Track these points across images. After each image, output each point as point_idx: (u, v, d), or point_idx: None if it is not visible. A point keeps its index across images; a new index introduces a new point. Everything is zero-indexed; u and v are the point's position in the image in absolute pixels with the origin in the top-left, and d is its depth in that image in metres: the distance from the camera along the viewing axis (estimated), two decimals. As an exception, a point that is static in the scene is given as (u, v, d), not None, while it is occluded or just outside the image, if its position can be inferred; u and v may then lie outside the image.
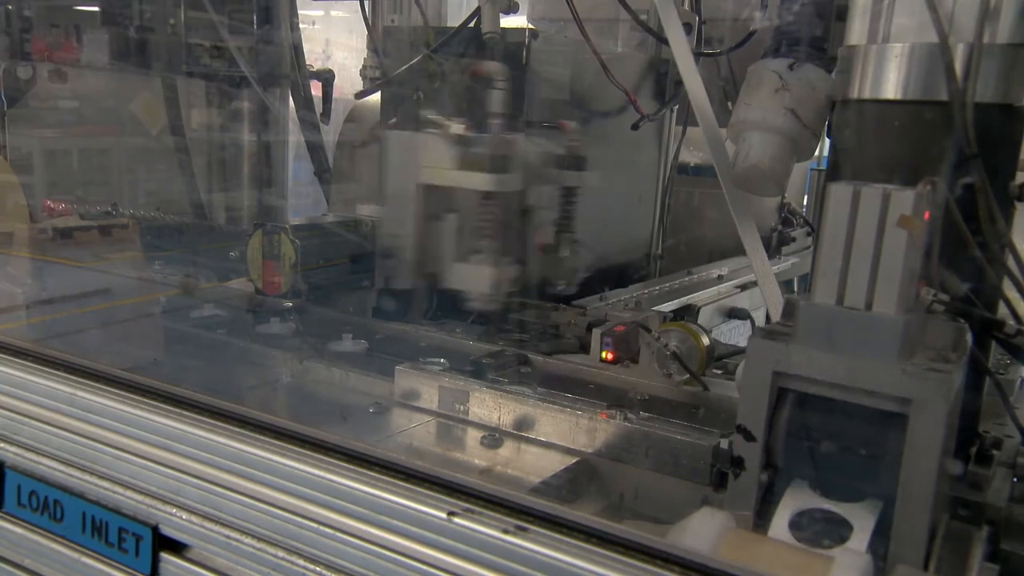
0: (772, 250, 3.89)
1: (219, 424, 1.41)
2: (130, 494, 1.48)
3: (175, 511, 1.43)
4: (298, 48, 3.33)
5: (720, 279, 3.26)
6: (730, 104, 1.95)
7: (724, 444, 1.49)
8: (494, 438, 1.69)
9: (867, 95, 1.42)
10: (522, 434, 1.71)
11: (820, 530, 1.14)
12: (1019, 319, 1.38)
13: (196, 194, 3.51)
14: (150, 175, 3.88)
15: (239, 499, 1.35)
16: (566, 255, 2.30)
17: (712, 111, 1.81)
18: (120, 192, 3.97)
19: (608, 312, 2.29)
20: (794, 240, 4.06)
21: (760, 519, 1.20)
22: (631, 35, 3.11)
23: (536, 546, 1.09)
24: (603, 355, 1.95)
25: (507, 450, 1.67)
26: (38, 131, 3.86)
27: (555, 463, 1.61)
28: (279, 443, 1.34)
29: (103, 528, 1.52)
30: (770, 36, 1.77)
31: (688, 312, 2.74)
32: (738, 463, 1.21)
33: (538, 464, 1.62)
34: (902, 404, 1.10)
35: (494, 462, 1.63)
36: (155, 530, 1.45)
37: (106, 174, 4.03)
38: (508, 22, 2.44)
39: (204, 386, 1.58)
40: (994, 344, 1.41)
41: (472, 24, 2.38)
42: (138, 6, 3.09)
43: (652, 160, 3.31)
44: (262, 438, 1.36)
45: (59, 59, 3.28)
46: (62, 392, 1.56)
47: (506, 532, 1.12)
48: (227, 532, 1.37)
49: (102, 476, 1.52)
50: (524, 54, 2.40)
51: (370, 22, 2.87)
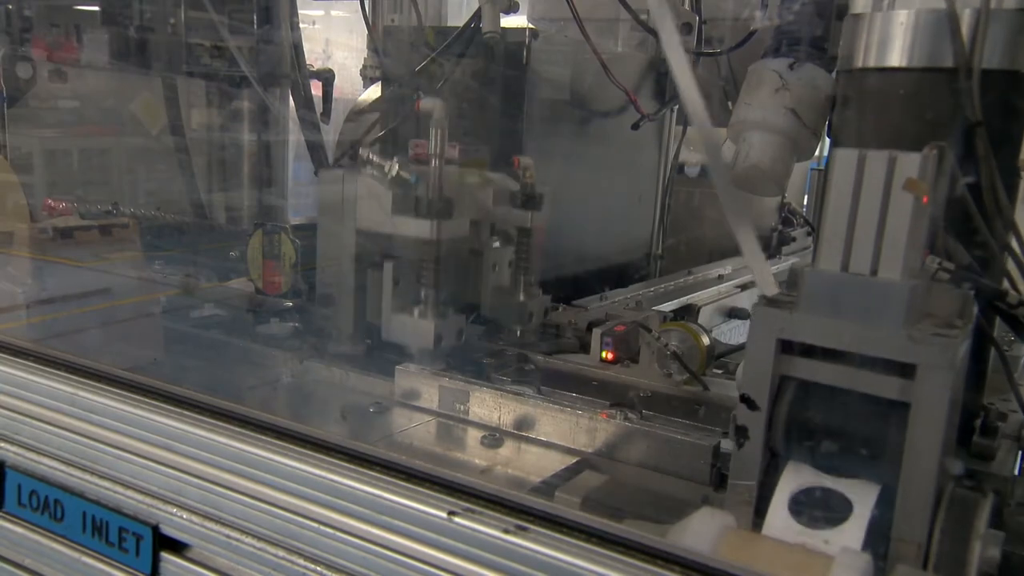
0: (772, 250, 3.90)
1: (220, 424, 1.41)
2: (130, 494, 1.48)
3: (175, 511, 1.43)
4: (298, 48, 3.32)
5: (720, 279, 3.26)
6: (730, 104, 1.95)
7: (724, 444, 1.50)
8: (494, 438, 1.69)
9: (872, 63, 1.40)
10: (522, 434, 1.71)
11: (821, 509, 1.14)
12: (1020, 292, 1.36)
13: (196, 194, 3.51)
14: (150, 175, 3.88)
15: (239, 499, 1.35)
16: (521, 300, 2.12)
17: (705, 111, 1.80)
18: (120, 192, 3.96)
19: (608, 312, 2.29)
20: (794, 240, 4.06)
21: (762, 490, 1.20)
22: (631, 35, 3.11)
23: (536, 546, 1.09)
24: (603, 355, 1.95)
25: (507, 450, 1.67)
26: (38, 131, 3.85)
27: (555, 463, 1.61)
28: (280, 443, 1.34)
29: (103, 528, 1.52)
30: (770, 36, 1.77)
31: (688, 312, 2.73)
32: (742, 432, 1.20)
33: (538, 464, 1.62)
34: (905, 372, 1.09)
35: (494, 462, 1.63)
36: (155, 530, 1.45)
37: (106, 174, 4.02)
38: (508, 22, 2.44)
39: (204, 386, 1.58)
40: (999, 321, 1.40)
41: (473, 24, 2.38)
42: (138, 6, 3.09)
43: (652, 160, 3.31)
44: (263, 438, 1.36)
45: (59, 59, 3.27)
46: (63, 392, 1.56)
47: (506, 532, 1.12)
48: (228, 532, 1.37)
49: (103, 476, 1.52)
50: (524, 54, 2.40)
51: (370, 22, 2.87)
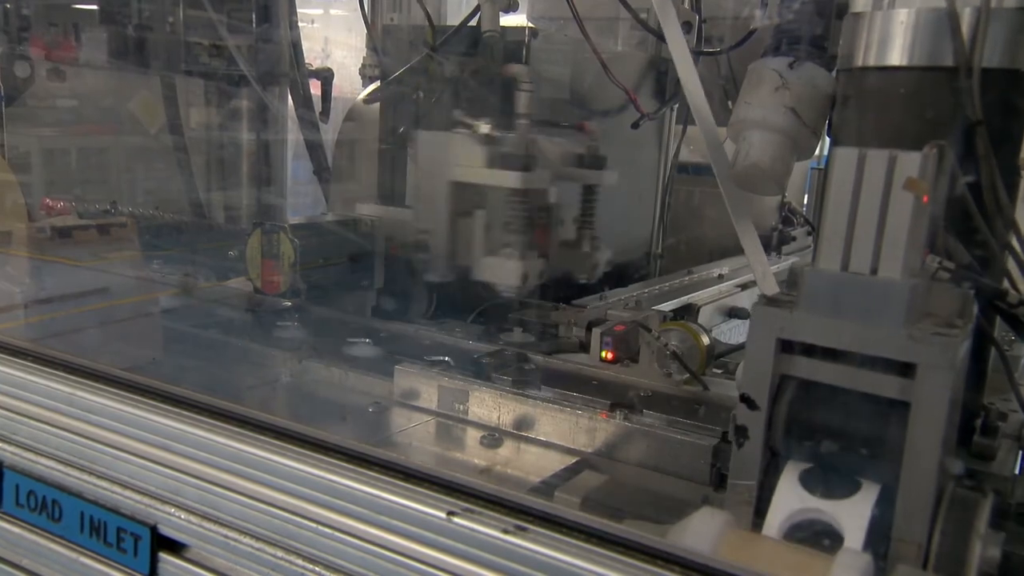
0: (772, 249, 3.89)
1: (218, 424, 1.41)
2: (129, 494, 1.48)
3: (174, 511, 1.43)
4: (297, 46, 3.33)
5: (720, 278, 3.26)
6: (730, 103, 1.95)
7: (724, 444, 1.50)
8: (494, 438, 1.69)
9: (872, 62, 1.40)
10: (522, 434, 1.71)
11: (813, 536, 1.13)
12: (1020, 292, 1.36)
13: (195, 193, 3.51)
14: (149, 174, 3.88)
15: (238, 499, 1.35)
16: (587, 250, 2.41)
17: (709, 110, 1.80)
18: (119, 191, 3.96)
19: (608, 311, 2.29)
20: (794, 239, 4.06)
21: (762, 491, 1.20)
22: (631, 34, 3.11)
23: (536, 546, 1.09)
24: (603, 354, 1.95)
25: (507, 450, 1.67)
26: (36, 130, 3.85)
27: (555, 463, 1.61)
28: (278, 443, 1.34)
29: (101, 528, 1.52)
30: (770, 34, 1.77)
31: (688, 311, 2.73)
32: (742, 432, 1.20)
33: (538, 464, 1.62)
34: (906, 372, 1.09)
35: (494, 462, 1.63)
36: (154, 530, 1.45)
37: (105, 173, 4.02)
38: (508, 21, 2.44)
39: (203, 386, 1.58)
40: (999, 322, 1.40)
41: (472, 23, 2.38)
42: (136, 5, 3.09)
43: (652, 159, 3.31)
44: (261, 438, 1.36)
45: (57, 58, 3.27)
46: (61, 392, 1.56)
47: (506, 532, 1.12)
48: (226, 532, 1.37)
49: (101, 476, 1.52)
50: (524, 53, 2.40)
51: (369, 20, 2.87)
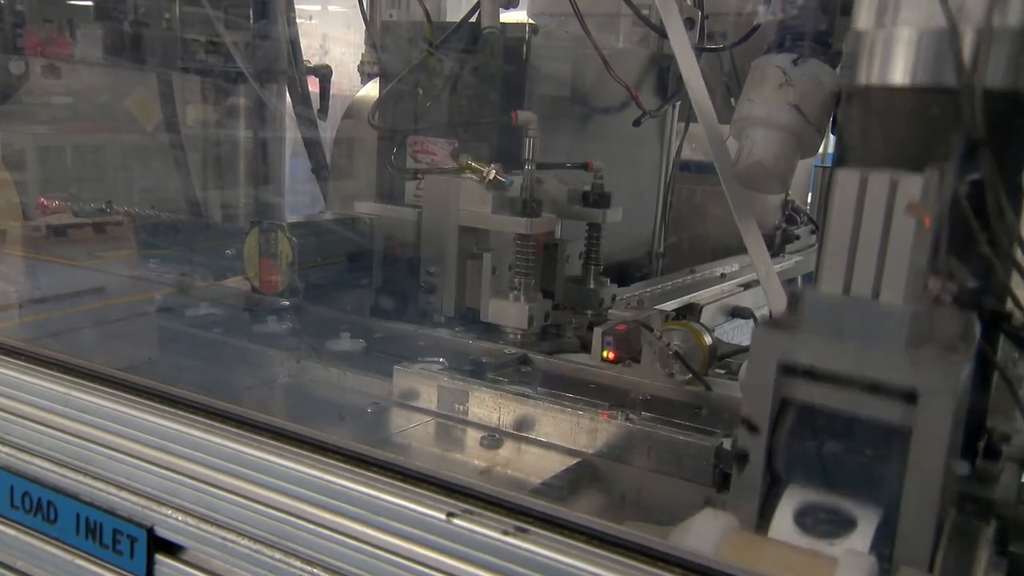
0: (776, 248, 3.89)
1: (215, 424, 1.41)
2: (125, 495, 1.48)
3: (171, 512, 1.43)
4: (295, 43, 3.33)
5: (723, 277, 3.26)
6: (733, 100, 1.95)
7: (727, 445, 1.50)
8: (494, 438, 1.69)
9: (874, 81, 1.41)
10: (522, 434, 1.71)
11: (824, 524, 1.13)
12: None
13: (192, 191, 3.51)
14: (145, 172, 3.88)
15: (236, 500, 1.35)
16: (592, 287, 2.46)
17: (713, 108, 1.80)
18: (115, 189, 3.96)
19: (609, 311, 2.29)
20: (798, 238, 4.06)
21: (763, 515, 1.19)
22: (633, 30, 3.11)
23: (536, 547, 1.09)
24: (604, 354, 1.95)
25: (507, 451, 1.67)
26: (31, 127, 3.85)
27: (556, 464, 1.61)
28: (276, 443, 1.34)
29: (97, 530, 1.51)
30: (774, 31, 1.76)
31: (691, 311, 2.73)
32: (742, 457, 1.20)
33: (538, 465, 1.62)
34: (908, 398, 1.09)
35: (494, 463, 1.63)
36: (150, 532, 1.45)
37: (100, 171, 4.02)
38: (508, 17, 2.44)
39: (200, 386, 1.58)
40: (1003, 340, 1.40)
41: (472, 19, 2.38)
42: (132, 1, 3.09)
43: (654, 157, 3.31)
44: (259, 438, 1.36)
45: (52, 54, 3.27)
46: (56, 392, 1.56)
47: (506, 533, 1.12)
48: (223, 534, 1.37)
49: (96, 477, 1.52)
50: (524, 50, 2.40)
51: (368, 17, 2.87)
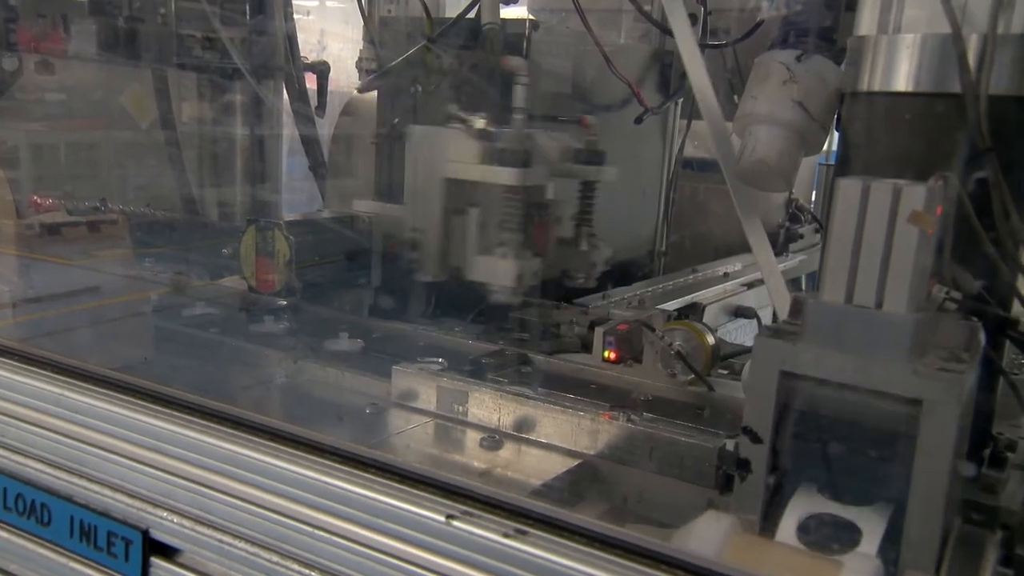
0: (779, 247, 3.89)
1: (211, 425, 1.41)
2: (119, 497, 1.49)
3: (166, 514, 1.43)
4: (292, 39, 3.33)
5: (726, 277, 3.26)
6: (736, 97, 1.95)
7: (730, 446, 1.50)
8: (494, 440, 1.69)
9: (877, 87, 1.41)
10: (522, 436, 1.71)
11: (829, 535, 1.14)
12: None
13: (187, 189, 3.51)
14: (140, 170, 3.88)
15: (232, 502, 1.35)
16: (585, 249, 2.37)
17: (717, 104, 1.80)
18: (109, 187, 3.96)
19: (611, 310, 2.29)
20: (802, 237, 4.06)
21: (767, 523, 1.20)
22: (635, 26, 3.11)
23: (536, 550, 1.09)
24: (605, 354, 1.95)
25: (507, 452, 1.67)
26: (24, 124, 3.85)
27: (556, 465, 1.61)
28: (273, 445, 1.34)
29: (92, 532, 1.52)
30: (777, 27, 1.77)
31: (693, 311, 2.74)
32: (744, 466, 1.21)
33: (539, 466, 1.62)
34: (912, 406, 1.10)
35: (494, 464, 1.63)
36: (145, 534, 1.45)
37: (95, 169, 4.02)
38: (508, 13, 2.44)
39: (196, 387, 1.58)
40: (1008, 344, 1.41)
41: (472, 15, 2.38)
42: (127, -5, 3.09)
43: (656, 155, 3.31)
44: (255, 439, 1.36)
45: (46, 50, 3.27)
46: (49, 392, 1.56)
47: (506, 536, 1.12)
48: (219, 536, 1.37)
49: (90, 479, 1.52)
50: (525, 46, 2.40)
51: (366, 12, 2.87)
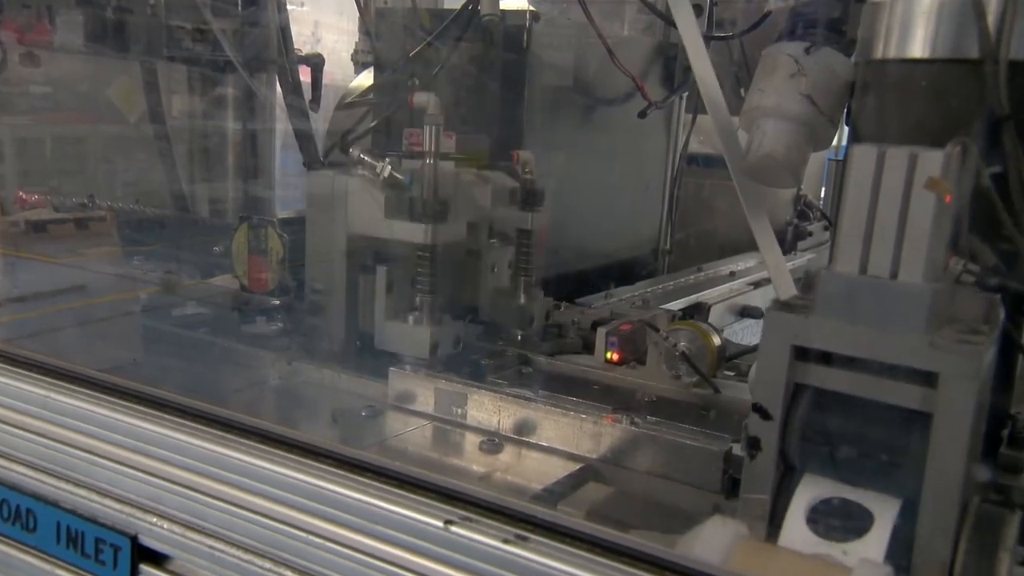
0: (787, 245, 3.90)
1: (201, 428, 1.41)
2: (107, 502, 1.48)
3: (155, 520, 1.43)
4: (285, 31, 3.32)
5: (732, 276, 3.26)
6: (743, 90, 1.94)
7: (736, 449, 1.50)
8: (493, 443, 1.69)
9: (892, 54, 1.40)
10: (523, 439, 1.71)
11: (840, 520, 1.13)
12: None
13: (178, 185, 3.50)
14: (129, 165, 3.87)
15: (223, 507, 1.35)
16: (522, 302, 2.15)
17: (723, 98, 1.80)
18: (97, 183, 3.95)
19: (613, 310, 2.29)
20: (810, 235, 4.07)
21: (776, 509, 1.19)
22: (638, 17, 3.11)
23: (537, 556, 1.09)
24: (608, 355, 1.95)
25: (507, 455, 1.67)
26: (9, 118, 3.85)
27: (558, 469, 1.61)
28: (265, 448, 1.34)
29: (79, 539, 1.51)
30: (785, 18, 1.77)
31: (698, 310, 2.74)
32: (754, 444, 1.19)
33: (540, 470, 1.62)
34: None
35: (493, 468, 1.63)
36: (134, 540, 1.45)
37: (82, 164, 4.01)
38: (508, 4, 2.43)
39: (186, 389, 1.58)
40: None
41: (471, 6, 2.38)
42: (115, -14, 3.08)
43: (660, 150, 3.31)
44: (247, 442, 1.36)
45: (31, 41, 3.26)
46: (35, 395, 1.56)
47: (506, 541, 1.12)
48: (210, 542, 1.37)
49: (77, 483, 1.52)
50: (525, 38, 2.40)
51: (362, 4, 2.87)
